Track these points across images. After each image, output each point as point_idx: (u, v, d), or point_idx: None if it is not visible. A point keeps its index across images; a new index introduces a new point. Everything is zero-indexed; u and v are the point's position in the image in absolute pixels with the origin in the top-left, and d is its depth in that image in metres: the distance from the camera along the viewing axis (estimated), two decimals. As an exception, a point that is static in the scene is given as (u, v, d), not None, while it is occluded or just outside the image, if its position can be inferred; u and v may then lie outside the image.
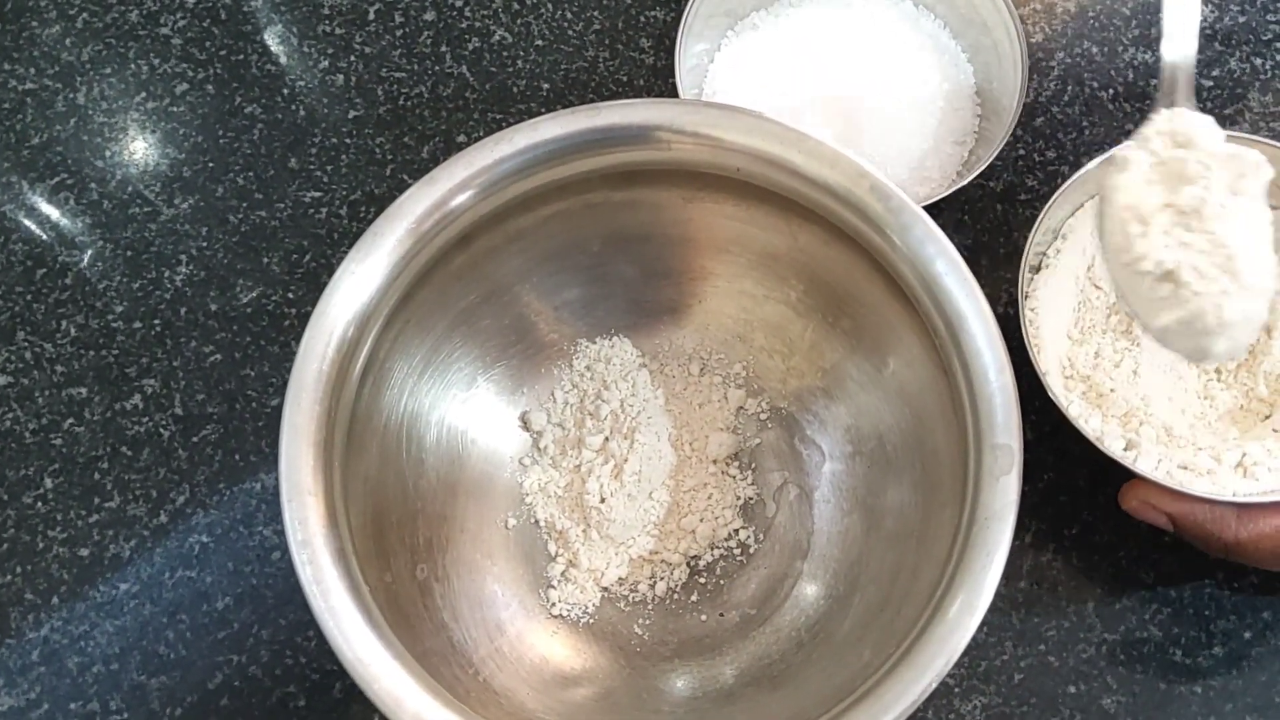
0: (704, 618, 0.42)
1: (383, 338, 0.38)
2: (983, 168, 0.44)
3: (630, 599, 0.42)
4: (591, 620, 0.42)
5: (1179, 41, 0.39)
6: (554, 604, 0.42)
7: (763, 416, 0.45)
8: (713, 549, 0.43)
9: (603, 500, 0.42)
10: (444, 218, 0.37)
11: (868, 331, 0.41)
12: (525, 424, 0.45)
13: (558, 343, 0.45)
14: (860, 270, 0.39)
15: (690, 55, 0.48)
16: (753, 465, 0.44)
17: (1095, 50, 0.52)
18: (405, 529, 0.39)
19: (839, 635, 0.39)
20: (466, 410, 0.43)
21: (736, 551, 0.43)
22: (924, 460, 0.38)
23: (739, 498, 0.44)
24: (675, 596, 0.43)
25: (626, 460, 0.42)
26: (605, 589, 0.42)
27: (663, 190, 0.41)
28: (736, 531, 0.43)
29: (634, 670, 0.41)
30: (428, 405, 0.41)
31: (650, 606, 0.42)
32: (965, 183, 0.44)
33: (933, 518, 0.37)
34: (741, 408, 0.45)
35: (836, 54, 0.48)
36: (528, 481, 0.44)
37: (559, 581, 0.42)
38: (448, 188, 0.37)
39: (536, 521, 0.43)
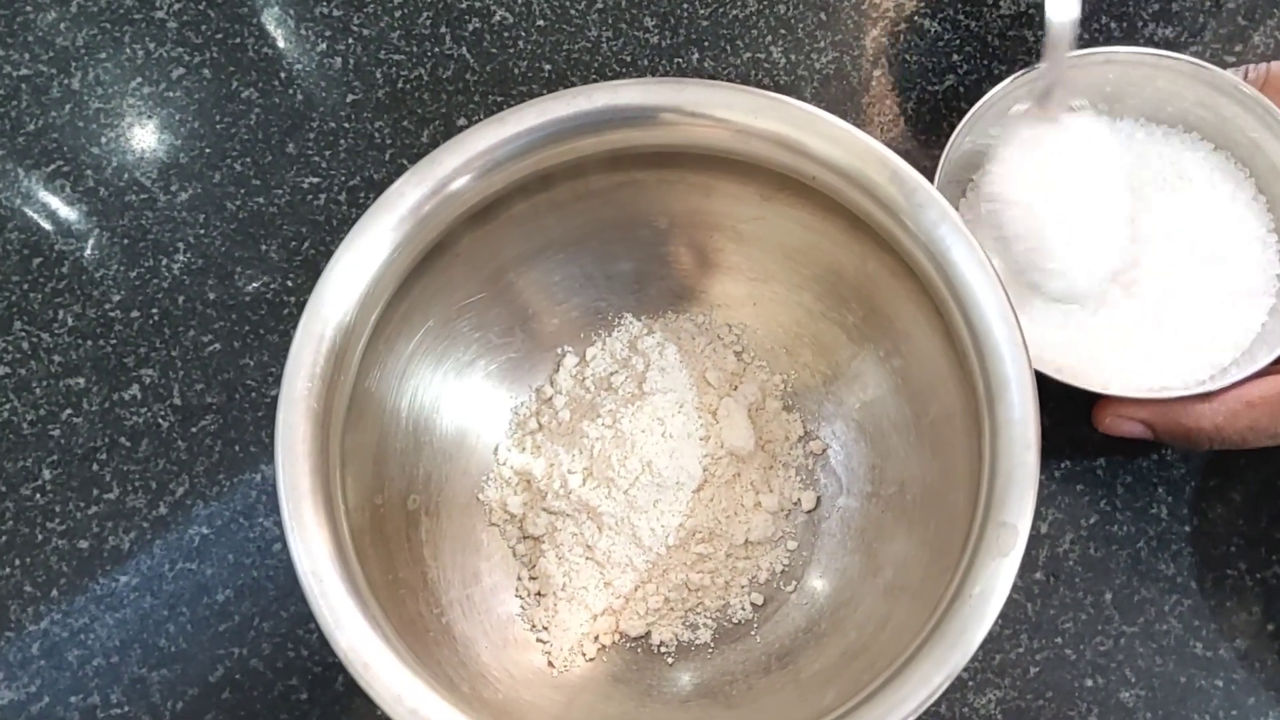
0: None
1: (382, 323, 0.37)
2: None
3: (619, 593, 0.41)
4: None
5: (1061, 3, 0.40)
6: (533, 566, 0.41)
7: (792, 437, 0.43)
8: (699, 558, 0.42)
9: (601, 490, 0.41)
10: (444, 200, 0.36)
11: (916, 376, 0.39)
12: (529, 410, 0.44)
13: (561, 330, 0.44)
14: (924, 316, 0.37)
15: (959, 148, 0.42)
16: (768, 480, 0.43)
17: (1114, 26, 0.50)
18: (406, 459, 0.39)
19: (806, 673, 0.37)
20: (468, 398, 0.42)
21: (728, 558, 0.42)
22: (939, 519, 0.37)
23: (745, 506, 0.42)
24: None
25: (626, 458, 0.41)
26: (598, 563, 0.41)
27: (679, 172, 0.39)
28: (740, 545, 0.42)
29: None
30: (430, 394, 0.41)
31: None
32: None
33: (932, 581, 0.35)
34: (762, 409, 0.43)
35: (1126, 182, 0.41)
36: (529, 468, 0.43)
37: (549, 550, 0.41)
38: (448, 169, 0.36)
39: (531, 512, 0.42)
